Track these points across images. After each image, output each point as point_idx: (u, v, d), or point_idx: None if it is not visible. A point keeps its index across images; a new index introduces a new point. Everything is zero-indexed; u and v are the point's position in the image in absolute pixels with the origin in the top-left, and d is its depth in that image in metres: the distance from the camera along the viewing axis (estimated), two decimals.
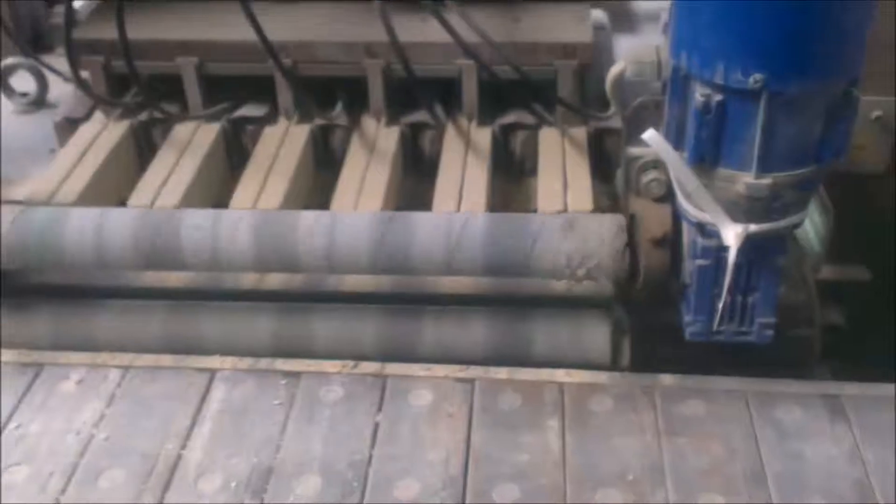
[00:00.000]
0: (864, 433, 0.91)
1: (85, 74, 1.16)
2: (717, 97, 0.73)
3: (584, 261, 0.91)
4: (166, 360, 1.02)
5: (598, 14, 1.28)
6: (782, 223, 0.80)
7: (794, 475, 0.88)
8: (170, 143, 1.16)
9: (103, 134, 1.17)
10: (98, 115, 1.20)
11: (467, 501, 0.86)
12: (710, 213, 0.81)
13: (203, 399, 0.97)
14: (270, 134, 1.17)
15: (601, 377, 0.99)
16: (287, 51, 1.12)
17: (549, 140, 1.14)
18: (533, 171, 1.16)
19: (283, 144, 1.16)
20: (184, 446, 0.92)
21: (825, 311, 1.07)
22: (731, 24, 0.70)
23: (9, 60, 1.35)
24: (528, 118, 1.14)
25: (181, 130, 1.17)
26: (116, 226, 0.96)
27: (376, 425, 0.94)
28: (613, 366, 1.01)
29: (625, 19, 1.37)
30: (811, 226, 1.03)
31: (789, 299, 0.99)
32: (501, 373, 1.00)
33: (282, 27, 1.11)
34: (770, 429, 0.93)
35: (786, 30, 0.69)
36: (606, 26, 1.31)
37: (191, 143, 1.16)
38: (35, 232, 0.96)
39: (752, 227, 0.80)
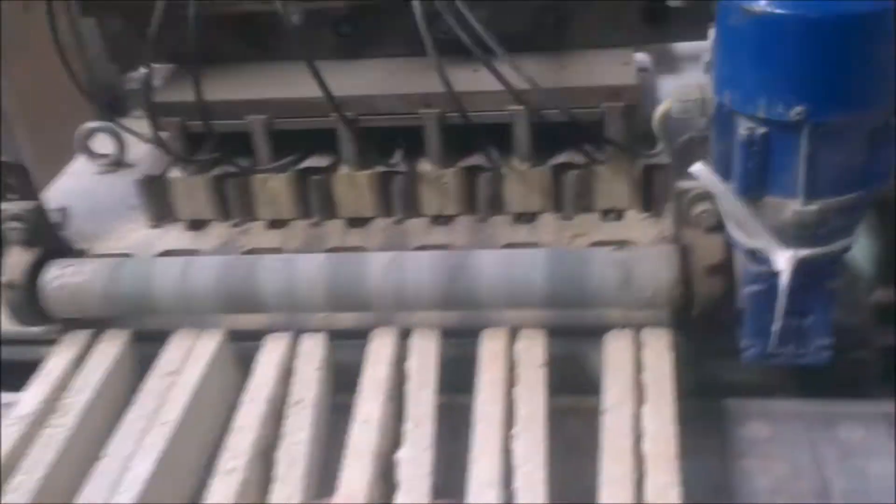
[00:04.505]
0: None
1: (163, 135, 1.24)
2: (761, 130, 0.78)
3: (640, 290, 0.95)
4: None
5: (641, 57, 1.34)
6: (832, 247, 0.84)
7: (858, 491, 0.90)
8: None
9: None
10: (175, 172, 1.28)
11: None
12: (760, 241, 0.85)
13: None
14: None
15: None
16: (349, 104, 1.19)
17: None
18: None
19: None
20: None
21: (880, 333, 1.09)
22: (771, 61, 0.74)
23: (89, 125, 1.44)
24: (579, 157, 1.19)
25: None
26: (200, 272, 1.03)
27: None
28: None
29: (667, 60, 1.42)
30: (861, 249, 1.05)
31: (844, 322, 1.02)
32: (567, 402, 1.04)
33: (343, 83, 1.18)
34: (833, 448, 0.95)
35: (823, 65, 0.73)
36: (650, 68, 1.36)
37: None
38: (127, 282, 1.04)
39: (803, 253, 0.83)
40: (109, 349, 1.05)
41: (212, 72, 1.23)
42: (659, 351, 0.95)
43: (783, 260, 0.83)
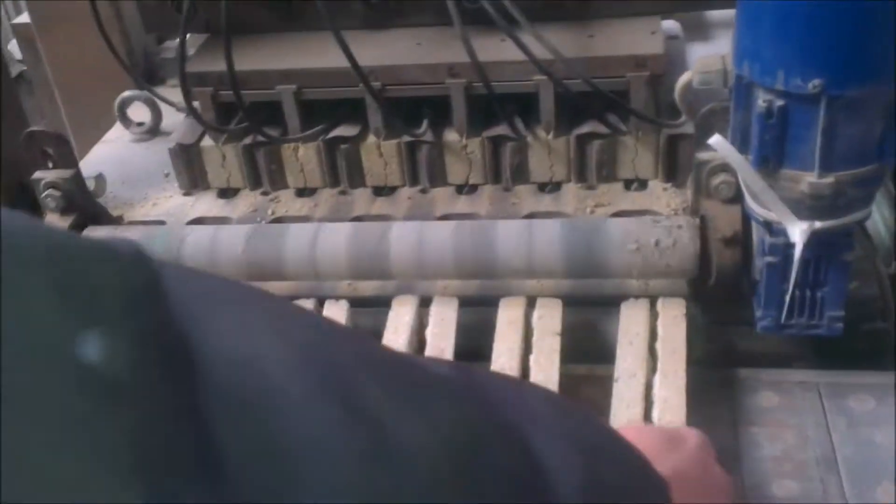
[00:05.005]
0: None
1: (195, 104, 1.27)
2: (779, 102, 0.78)
3: (657, 260, 0.96)
4: None
5: (671, 24, 1.33)
6: (847, 219, 0.84)
7: (864, 460, 0.91)
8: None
9: None
10: (207, 141, 1.31)
11: None
12: (776, 212, 0.85)
13: None
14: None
15: None
16: (376, 74, 1.20)
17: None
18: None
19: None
20: None
21: None
22: (790, 34, 0.75)
23: (126, 93, 1.48)
24: (603, 128, 1.20)
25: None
26: (228, 240, 1.06)
27: None
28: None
29: (698, 28, 1.40)
30: (881, 220, 1.05)
31: (863, 293, 1.02)
32: (580, 369, 1.06)
33: (370, 53, 1.20)
34: (842, 417, 0.96)
35: (842, 38, 0.73)
36: (679, 35, 1.35)
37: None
38: (158, 248, 1.07)
39: (818, 224, 0.84)
40: None
41: (243, 42, 1.25)
42: (673, 320, 0.96)
43: (798, 232, 0.84)
